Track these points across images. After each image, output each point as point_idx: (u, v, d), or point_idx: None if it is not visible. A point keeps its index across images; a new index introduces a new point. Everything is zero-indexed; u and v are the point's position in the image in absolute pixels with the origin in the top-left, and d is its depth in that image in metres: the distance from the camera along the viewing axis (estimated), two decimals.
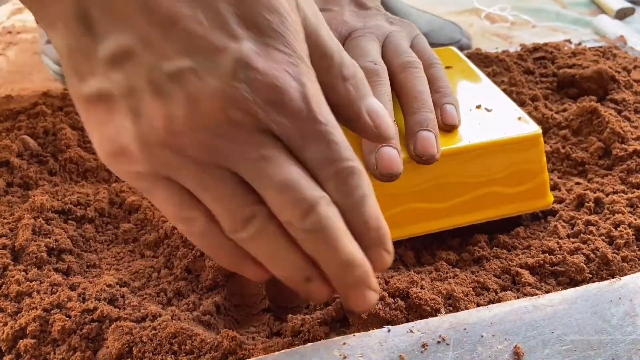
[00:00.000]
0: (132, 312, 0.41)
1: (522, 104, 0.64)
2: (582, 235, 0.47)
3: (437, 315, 0.39)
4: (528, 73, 0.71)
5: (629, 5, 1.17)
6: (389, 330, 0.37)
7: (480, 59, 0.73)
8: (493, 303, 0.41)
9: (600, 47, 0.77)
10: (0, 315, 0.41)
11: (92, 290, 0.42)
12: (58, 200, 0.50)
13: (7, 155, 0.54)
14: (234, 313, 0.43)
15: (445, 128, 0.47)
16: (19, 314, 0.41)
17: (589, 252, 0.45)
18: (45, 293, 0.42)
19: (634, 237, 0.47)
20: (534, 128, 0.49)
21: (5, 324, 0.40)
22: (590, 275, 0.44)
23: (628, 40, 0.83)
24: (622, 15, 1.16)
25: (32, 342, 0.39)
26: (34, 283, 0.43)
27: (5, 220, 0.48)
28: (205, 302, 0.42)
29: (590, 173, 0.57)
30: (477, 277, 0.44)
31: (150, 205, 0.52)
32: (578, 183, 0.55)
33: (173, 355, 0.38)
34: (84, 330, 0.39)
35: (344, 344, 0.36)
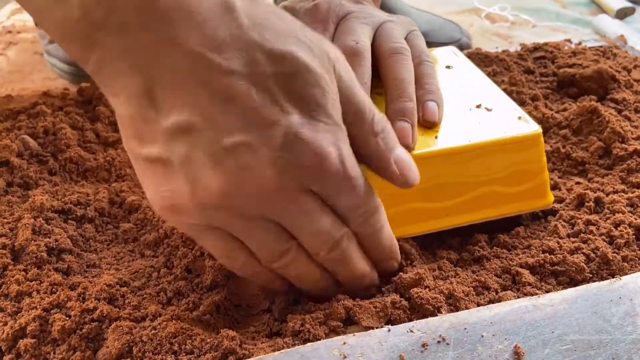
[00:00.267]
0: (132, 311, 0.41)
1: (522, 104, 0.64)
2: (582, 235, 0.47)
3: (438, 315, 0.39)
4: (528, 73, 0.71)
5: (629, 5, 1.17)
6: (389, 330, 0.37)
7: (481, 59, 0.73)
8: (493, 303, 0.41)
9: (601, 46, 0.77)
10: (0, 315, 0.41)
11: (92, 290, 0.42)
12: (58, 200, 0.50)
13: (7, 155, 0.54)
14: (234, 313, 0.43)
15: (426, 124, 0.48)
16: (19, 314, 0.41)
17: (589, 251, 0.45)
18: (45, 293, 0.42)
19: (634, 236, 0.47)
20: (534, 128, 0.48)
21: (5, 324, 0.40)
22: (591, 275, 0.44)
23: (628, 40, 0.83)
24: (622, 15, 1.16)
25: (32, 341, 0.39)
26: (34, 283, 0.43)
27: (5, 220, 0.48)
28: (205, 301, 0.42)
29: (591, 173, 0.57)
30: (477, 276, 0.44)
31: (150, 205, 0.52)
32: (578, 183, 0.55)
33: (173, 355, 0.37)
34: (84, 330, 0.39)
35: (344, 344, 0.36)
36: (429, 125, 0.48)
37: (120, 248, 0.49)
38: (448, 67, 0.57)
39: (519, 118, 0.49)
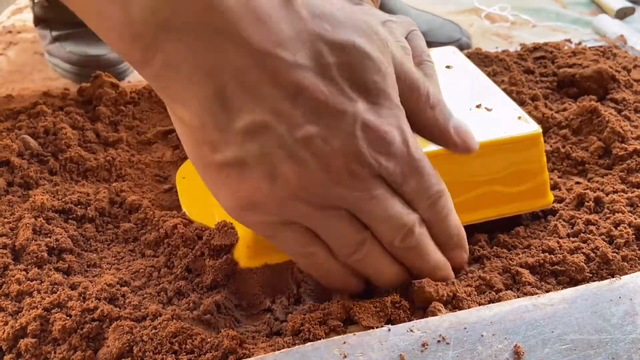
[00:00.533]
0: (132, 311, 0.41)
1: (522, 104, 0.64)
2: (582, 235, 0.47)
3: (438, 314, 0.39)
4: (528, 73, 0.71)
5: (629, 5, 1.17)
6: (389, 330, 0.37)
7: (480, 59, 0.73)
8: (493, 302, 0.41)
9: (601, 46, 0.77)
10: (1, 315, 0.41)
11: (92, 290, 0.42)
12: (58, 200, 0.50)
13: (7, 155, 0.54)
14: (235, 312, 0.43)
15: None
16: (20, 314, 0.41)
17: (589, 251, 0.45)
18: (46, 292, 0.42)
19: (634, 236, 0.47)
20: (534, 127, 0.49)
21: (6, 323, 0.40)
22: (590, 275, 0.44)
23: (628, 40, 0.83)
24: (622, 15, 1.16)
25: (32, 341, 0.39)
26: (35, 282, 0.43)
27: (6, 220, 0.48)
28: (206, 301, 0.42)
29: (590, 172, 0.57)
30: (481, 274, 0.44)
31: (151, 205, 0.52)
32: (578, 182, 0.55)
33: (173, 355, 0.38)
34: (85, 330, 0.39)
35: (344, 343, 0.36)
36: None
37: (121, 248, 0.49)
38: (448, 67, 0.57)
39: (519, 118, 0.49)
